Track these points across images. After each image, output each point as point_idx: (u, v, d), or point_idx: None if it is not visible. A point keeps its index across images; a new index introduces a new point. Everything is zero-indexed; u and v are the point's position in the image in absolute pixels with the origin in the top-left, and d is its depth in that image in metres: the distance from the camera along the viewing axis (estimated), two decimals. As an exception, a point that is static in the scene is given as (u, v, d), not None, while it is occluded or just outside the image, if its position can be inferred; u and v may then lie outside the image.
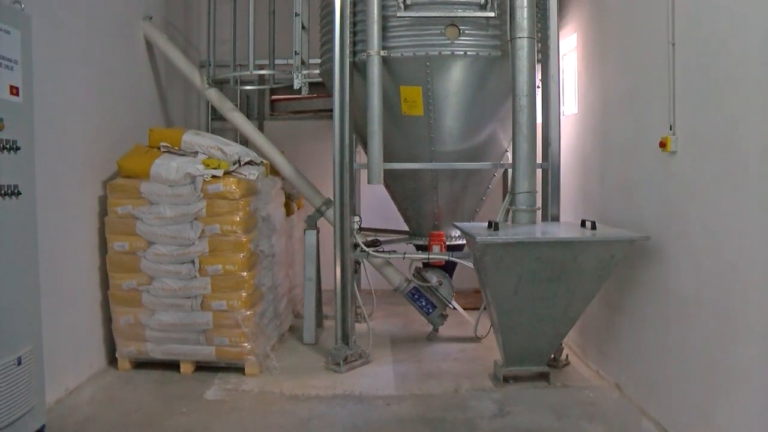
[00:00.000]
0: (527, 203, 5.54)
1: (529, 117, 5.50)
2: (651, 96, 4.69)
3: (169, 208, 5.70)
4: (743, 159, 3.56)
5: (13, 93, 3.98)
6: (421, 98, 5.99)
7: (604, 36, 5.76)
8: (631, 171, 5.16)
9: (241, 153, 6.07)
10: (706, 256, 3.98)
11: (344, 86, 5.97)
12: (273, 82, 7.81)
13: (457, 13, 5.76)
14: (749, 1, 3.50)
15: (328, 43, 6.32)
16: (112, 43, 6.44)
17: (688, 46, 4.19)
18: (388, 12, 5.82)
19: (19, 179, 4.00)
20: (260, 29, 7.22)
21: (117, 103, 6.46)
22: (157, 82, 7.66)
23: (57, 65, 5.23)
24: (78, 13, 5.71)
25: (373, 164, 5.91)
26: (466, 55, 5.79)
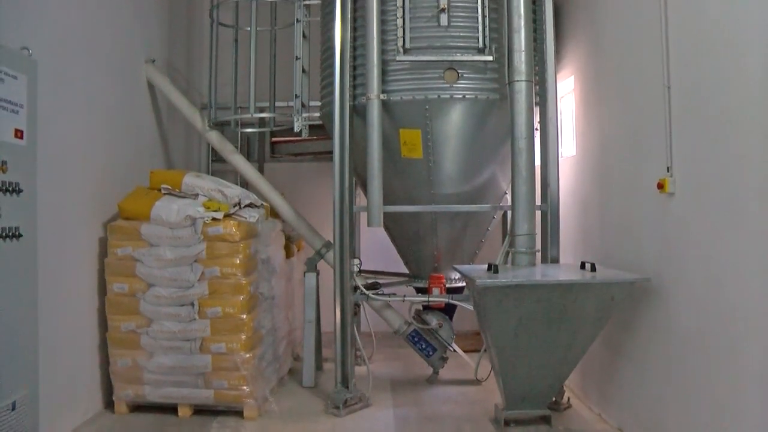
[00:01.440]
0: (527, 245, 5.54)
1: (528, 159, 5.53)
2: (648, 138, 4.73)
3: (170, 250, 5.70)
4: (742, 199, 3.58)
5: (17, 136, 4.03)
6: (420, 141, 6.04)
7: (601, 79, 5.84)
8: (630, 212, 5.18)
9: (241, 195, 6.09)
10: (706, 297, 3.98)
11: (344, 129, 6.03)
12: (273, 124, 7.87)
13: (455, 57, 5.85)
14: (744, 44, 3.55)
15: (328, 87, 6.40)
16: (116, 85, 6.52)
17: (683, 88, 4.25)
18: (388, 56, 5.90)
19: (20, 221, 4.02)
20: (261, 72, 7.32)
21: (119, 144, 6.51)
22: (158, 123, 7.73)
23: (60, 107, 5.28)
24: (82, 56, 5.79)
25: (372, 207, 5.93)
26: (465, 98, 5.86)
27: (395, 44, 5.88)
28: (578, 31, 6.41)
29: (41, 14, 5.07)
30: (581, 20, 6.33)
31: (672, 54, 4.37)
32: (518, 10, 5.54)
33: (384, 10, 5.89)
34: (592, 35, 6.07)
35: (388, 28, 5.91)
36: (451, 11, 5.86)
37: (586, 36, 6.20)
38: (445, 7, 5.82)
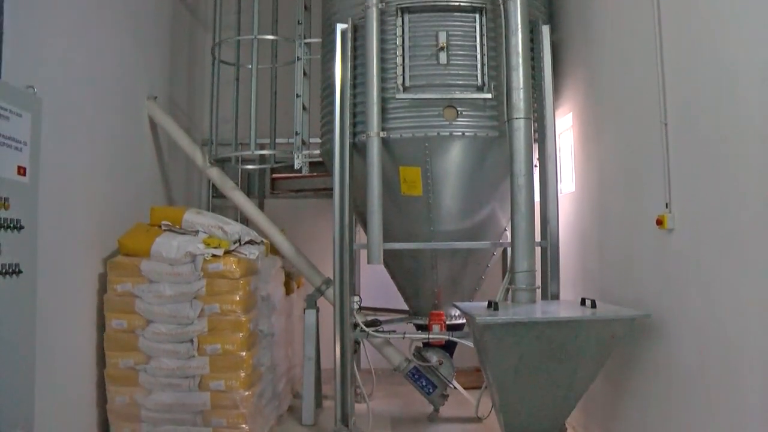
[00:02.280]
0: (527, 282, 5.53)
1: (527, 196, 5.55)
2: (647, 174, 4.76)
3: (169, 287, 5.70)
4: (741, 235, 3.59)
5: (20, 173, 4.05)
6: (420, 178, 6.07)
7: (599, 115, 5.88)
8: (629, 248, 5.18)
9: (241, 232, 6.11)
10: (707, 333, 3.96)
11: (344, 167, 6.06)
12: (274, 161, 7.92)
13: (454, 94, 5.90)
14: (741, 80, 3.59)
15: (328, 124, 6.45)
16: (118, 122, 6.58)
17: (681, 125, 4.28)
18: (388, 94, 5.96)
19: (20, 258, 4.02)
20: (262, 109, 7.39)
21: (120, 181, 6.54)
22: (159, 160, 7.78)
23: (63, 144, 5.31)
24: (86, 93, 5.85)
25: (372, 244, 5.93)
26: (464, 135, 5.90)
27: (395, 82, 5.94)
28: (576, 68, 6.48)
29: (47, 53, 5.14)
30: (579, 57, 6.40)
31: (669, 91, 4.42)
32: (516, 48, 5.61)
33: (384, 49, 5.96)
34: (589, 72, 6.14)
35: (388, 66, 5.98)
36: (450, 49, 5.94)
37: (584, 73, 6.27)
38: (444, 46, 5.90)
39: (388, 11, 5.98)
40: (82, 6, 5.79)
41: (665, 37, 4.48)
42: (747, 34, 3.54)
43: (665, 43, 4.48)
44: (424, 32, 5.97)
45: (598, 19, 5.87)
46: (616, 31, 5.48)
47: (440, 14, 5.98)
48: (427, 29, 5.97)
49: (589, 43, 6.09)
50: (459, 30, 5.98)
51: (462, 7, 5.97)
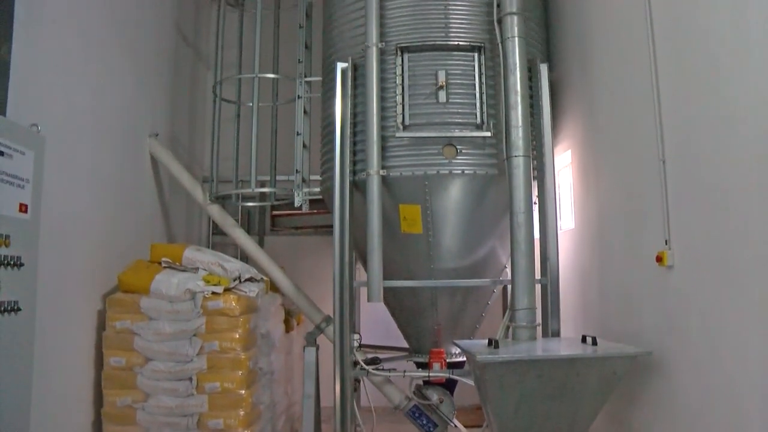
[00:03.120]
0: (527, 319, 5.51)
1: (527, 233, 5.56)
2: (646, 211, 4.77)
3: (169, 324, 5.69)
4: (741, 271, 3.59)
5: (22, 210, 4.08)
6: (420, 216, 6.08)
7: (598, 152, 5.92)
8: (629, 285, 5.18)
9: (241, 270, 6.11)
10: (708, 370, 3.95)
11: (344, 205, 6.07)
12: (274, 198, 7.95)
13: (454, 133, 5.94)
14: (739, 116, 3.62)
15: (328, 162, 6.48)
16: (119, 159, 6.63)
17: (679, 162, 4.31)
18: (387, 132, 5.99)
19: (20, 295, 4.02)
20: (263, 146, 7.44)
21: (121, 217, 6.57)
22: (160, 196, 7.82)
23: (65, 181, 5.36)
24: (88, 130, 5.92)
25: (372, 282, 5.91)
26: (464, 173, 5.92)
27: (395, 120, 5.98)
28: (574, 106, 6.54)
29: (51, 91, 5.21)
30: (577, 95, 6.47)
31: (666, 128, 4.46)
32: (515, 87, 5.67)
33: (384, 87, 6.01)
34: (587, 109, 6.19)
35: (388, 105, 6.02)
36: (450, 88, 5.99)
37: (582, 110, 6.33)
38: (443, 84, 5.95)
39: (387, 50, 6.05)
40: (85, 44, 5.89)
41: (662, 75, 4.54)
42: (745, 69, 3.58)
43: (662, 80, 4.54)
44: (423, 71, 6.03)
45: (596, 58, 5.94)
46: (614, 69, 5.55)
47: (439, 53, 6.04)
48: (426, 68, 6.02)
49: (587, 81, 6.16)
50: (458, 69, 6.04)
51: (461, 46, 6.04)
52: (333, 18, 6.76)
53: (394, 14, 6.13)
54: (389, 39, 6.06)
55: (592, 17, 6.02)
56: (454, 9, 6.11)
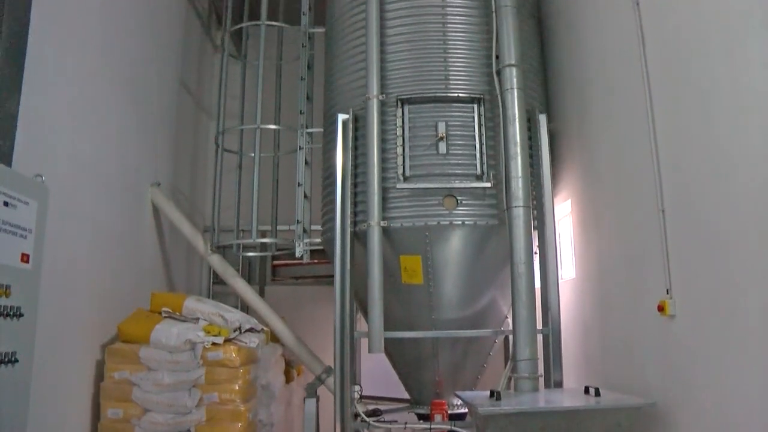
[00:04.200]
0: (529, 370, 5.46)
1: (528, 283, 5.55)
2: (646, 260, 4.78)
3: (168, 375, 5.64)
4: (743, 319, 3.58)
5: (23, 260, 4.07)
6: (420, 267, 6.08)
7: (597, 202, 5.94)
8: (632, 335, 5.14)
9: (242, 320, 6.09)
10: (712, 421, 3.90)
11: (345, 255, 6.07)
12: (275, 249, 7.96)
13: (454, 184, 5.97)
14: (738, 165, 3.66)
15: (329, 212, 6.51)
16: (121, 208, 6.66)
17: (678, 212, 4.34)
18: (388, 183, 6.03)
19: (17, 347, 3.96)
20: (264, 195, 7.47)
21: (122, 266, 6.57)
22: (161, 245, 7.82)
23: (67, 231, 5.38)
24: (91, 180, 5.96)
25: (373, 333, 5.87)
26: (464, 224, 5.93)
27: (395, 171, 6.02)
28: (573, 156, 6.59)
29: (56, 142, 5.27)
30: (576, 145, 6.52)
31: (665, 177, 4.50)
32: (514, 138, 5.74)
33: (384, 139, 6.07)
34: (586, 159, 6.23)
35: (389, 156, 6.07)
36: (450, 139, 6.05)
37: (581, 160, 6.37)
38: (443, 136, 6.02)
39: (388, 102, 6.14)
40: (90, 96, 5.97)
41: (659, 126, 4.60)
42: (742, 121, 3.63)
43: (659, 131, 4.59)
44: (423, 122, 6.11)
45: (594, 108, 6.01)
46: (612, 119, 5.62)
47: (439, 105, 6.12)
48: (426, 120, 6.10)
49: (586, 131, 6.22)
50: (458, 120, 6.11)
51: (460, 98, 6.13)
52: (334, 70, 6.88)
53: (395, 66, 6.24)
54: (390, 91, 6.15)
55: (590, 68, 6.11)
56: (454, 61, 6.22)
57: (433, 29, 6.30)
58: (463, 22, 6.35)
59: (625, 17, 5.11)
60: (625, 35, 5.10)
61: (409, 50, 6.26)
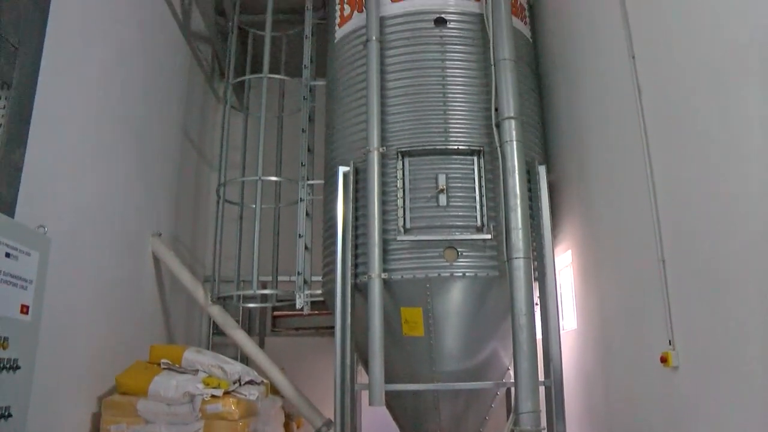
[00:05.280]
0: (532, 423, 5.39)
1: (529, 335, 5.52)
2: (648, 310, 4.76)
3: (166, 428, 5.58)
4: (747, 371, 3.55)
5: (23, 312, 4.06)
6: (421, 319, 6.05)
7: (597, 252, 5.95)
8: (634, 387, 5.10)
9: (241, 372, 6.04)
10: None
11: (345, 307, 6.05)
12: (276, 300, 7.93)
13: (455, 235, 5.98)
14: (735, 214, 3.67)
15: (330, 264, 6.51)
16: (122, 258, 6.66)
17: (678, 261, 4.34)
18: (389, 235, 6.04)
19: (12, 401, 3.91)
20: (265, 247, 7.48)
21: (121, 317, 6.54)
22: (161, 296, 7.80)
23: (68, 281, 5.36)
24: (93, 230, 5.97)
25: (374, 386, 5.81)
26: (465, 276, 5.93)
27: (396, 224, 6.04)
28: (573, 206, 6.62)
29: (59, 192, 5.30)
30: (575, 195, 6.56)
31: (664, 227, 4.51)
32: (514, 189, 5.78)
33: (385, 191, 6.11)
34: (586, 210, 6.27)
35: (389, 208, 6.10)
36: (450, 191, 6.08)
37: (581, 210, 6.40)
38: (443, 188, 6.05)
39: (388, 155, 6.19)
40: (93, 147, 6.03)
41: (658, 176, 4.63)
42: (741, 170, 3.65)
43: (658, 182, 4.62)
44: (424, 175, 6.16)
45: (593, 159, 6.07)
46: (610, 170, 5.66)
47: (439, 157, 6.18)
48: (426, 172, 6.15)
49: (585, 182, 6.27)
50: (458, 172, 6.16)
51: (460, 150, 6.19)
52: (335, 122, 6.97)
53: (395, 119, 6.32)
54: (390, 143, 6.22)
55: (588, 120, 6.19)
56: (453, 114, 6.30)
57: (432, 82, 6.41)
58: (462, 75, 6.46)
59: (621, 69, 5.19)
60: (622, 87, 5.18)
61: (409, 103, 6.35)
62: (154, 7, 7.68)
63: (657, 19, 4.70)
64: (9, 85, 4.41)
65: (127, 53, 6.81)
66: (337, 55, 7.21)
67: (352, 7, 7.11)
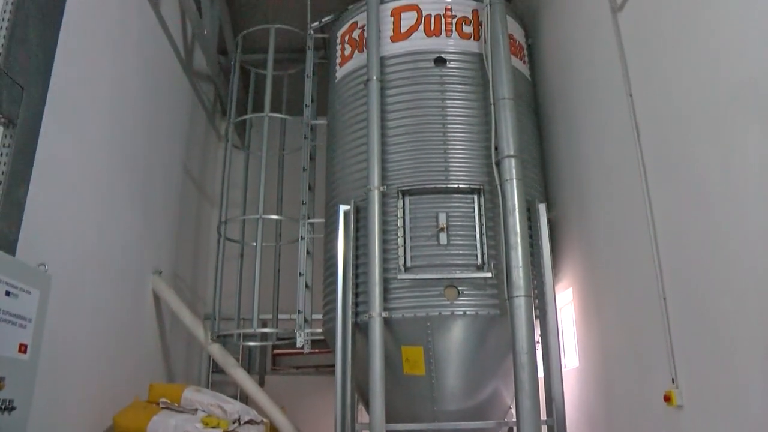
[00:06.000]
0: (534, 463, 5.34)
1: (531, 373, 5.48)
2: (650, 348, 4.73)
3: (164, 469, 5.50)
4: (752, 410, 3.52)
5: (21, 351, 4.04)
6: (422, 358, 6.01)
7: (598, 290, 5.94)
8: (639, 426, 5.04)
9: (241, 411, 5.99)
10: None
11: (346, 347, 6.02)
12: (276, 338, 7.89)
13: (455, 274, 5.98)
14: (735, 250, 3.68)
15: (330, 303, 6.49)
16: (122, 296, 6.64)
17: (679, 299, 4.33)
18: (389, 274, 6.03)
19: (5, 443, 3.89)
20: (265, 285, 7.46)
21: (120, 355, 6.50)
22: (161, 334, 7.76)
23: (67, 319, 5.34)
24: (94, 268, 5.97)
25: (375, 425, 5.74)
26: (466, 314, 5.91)
27: (396, 262, 6.04)
28: (573, 244, 6.62)
29: (60, 230, 5.31)
30: (575, 233, 6.56)
31: (664, 264, 4.51)
32: (514, 228, 5.79)
33: (385, 230, 6.12)
34: (586, 247, 6.27)
35: (390, 247, 6.11)
36: (450, 230, 6.10)
37: (581, 248, 6.40)
38: (444, 227, 6.06)
39: (389, 194, 6.22)
40: (95, 184, 6.06)
41: (657, 214, 4.66)
42: (739, 209, 3.67)
43: (657, 219, 4.65)
44: (424, 213, 6.18)
45: (593, 196, 6.09)
46: (610, 207, 5.68)
47: (440, 196, 6.21)
48: (427, 211, 6.17)
49: (585, 219, 6.28)
50: (458, 211, 6.18)
51: (461, 189, 6.21)
52: (336, 161, 7.01)
53: (396, 158, 6.36)
54: (391, 182, 6.25)
55: (587, 158, 6.22)
56: (454, 153, 6.34)
57: (432, 121, 6.47)
58: (462, 114, 6.52)
59: (619, 107, 5.24)
60: (621, 125, 5.22)
61: (409, 142, 6.40)
62: (158, 46, 7.78)
63: (654, 57, 4.76)
64: (14, 124, 4.46)
65: (130, 92, 6.88)
66: (338, 95, 7.29)
67: (352, 47, 7.20)
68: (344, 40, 7.36)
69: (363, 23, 7.03)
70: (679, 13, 4.35)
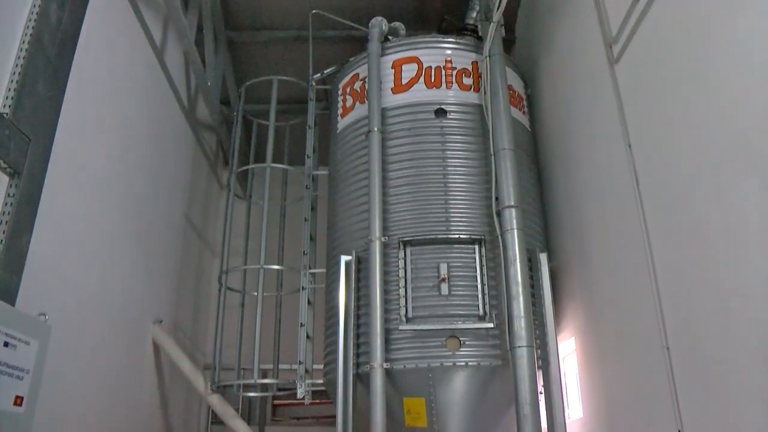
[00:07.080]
0: None
1: (534, 425, 5.40)
2: (655, 398, 4.68)
3: None
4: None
5: (16, 403, 3.99)
6: (424, 409, 5.94)
7: (601, 339, 5.90)
8: (644, 481, 4.96)
9: (240, 464, 5.89)
10: None
11: (347, 397, 5.95)
12: (276, 389, 7.81)
13: (457, 325, 5.94)
14: (735, 305, 3.67)
15: (332, 353, 6.44)
16: (121, 345, 6.59)
17: (683, 348, 4.31)
18: (391, 324, 6.00)
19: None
20: (266, 334, 7.42)
21: (117, 407, 6.43)
22: (160, 384, 7.69)
23: (65, 371, 5.30)
24: (94, 318, 5.94)
25: (376, 478, 5.67)
26: (468, 365, 5.86)
27: (398, 313, 6.01)
28: (574, 293, 6.61)
29: (60, 280, 5.30)
30: (577, 282, 6.55)
31: (667, 314, 4.50)
32: (516, 278, 5.78)
33: (387, 280, 6.12)
34: (588, 296, 6.25)
35: (391, 297, 6.09)
36: (451, 280, 6.08)
37: (583, 297, 6.38)
38: (445, 277, 6.06)
39: (390, 244, 6.23)
40: (96, 233, 6.07)
41: (659, 264, 4.66)
42: (740, 258, 3.67)
43: (658, 265, 4.65)
44: (425, 264, 6.17)
45: (594, 245, 6.10)
46: (611, 256, 5.69)
47: (441, 246, 6.22)
48: (428, 261, 6.17)
49: (586, 268, 6.27)
50: (459, 261, 6.18)
51: (461, 239, 6.22)
52: (337, 211, 7.03)
53: (397, 209, 6.40)
54: (392, 233, 6.27)
55: (587, 207, 6.25)
56: (454, 203, 6.37)
57: (433, 172, 6.51)
58: (462, 164, 6.57)
59: (618, 157, 5.29)
60: (620, 175, 5.26)
61: (410, 193, 6.44)
62: (161, 97, 7.88)
63: (652, 108, 4.82)
64: (20, 174, 4.49)
65: (133, 143, 6.94)
66: (339, 145, 7.35)
67: (354, 98, 7.29)
68: (346, 92, 7.46)
69: (364, 75, 7.14)
70: (676, 65, 4.42)
